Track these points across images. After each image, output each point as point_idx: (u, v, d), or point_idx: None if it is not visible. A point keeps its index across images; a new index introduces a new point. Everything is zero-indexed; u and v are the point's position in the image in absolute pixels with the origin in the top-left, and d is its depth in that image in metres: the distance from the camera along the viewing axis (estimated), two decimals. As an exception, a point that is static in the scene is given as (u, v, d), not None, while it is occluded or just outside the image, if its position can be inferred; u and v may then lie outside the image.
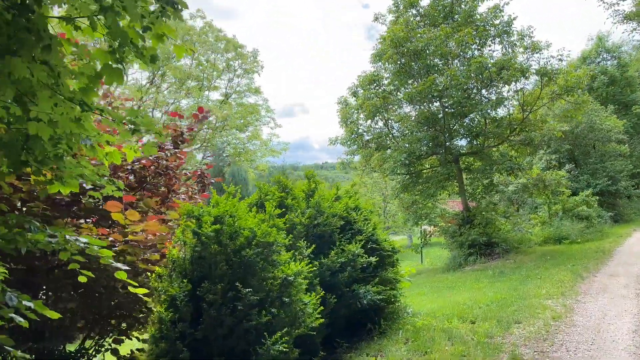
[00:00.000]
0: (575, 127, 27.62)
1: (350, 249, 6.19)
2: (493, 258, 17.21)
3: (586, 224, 21.50)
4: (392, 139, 18.48)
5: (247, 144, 31.52)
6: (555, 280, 10.91)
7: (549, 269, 13.08)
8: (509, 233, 19.16)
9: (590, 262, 14.01)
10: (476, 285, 12.18)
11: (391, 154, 17.49)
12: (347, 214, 6.76)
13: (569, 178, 26.16)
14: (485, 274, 14.07)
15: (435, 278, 15.40)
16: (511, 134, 18.12)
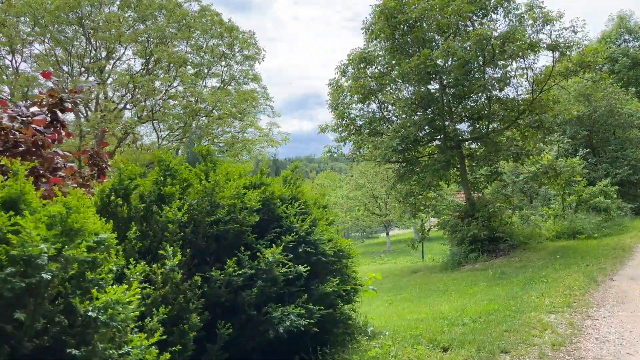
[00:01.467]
0: (593, 112, 25.44)
1: (266, 255, 4.48)
2: (497, 255, 15.35)
3: (604, 217, 19.46)
4: (386, 123, 16.67)
5: (241, 132, 29.86)
6: (564, 286, 9.06)
7: (558, 271, 11.22)
8: (516, 227, 17.27)
9: (607, 261, 12.11)
10: (470, 289, 10.38)
11: (383, 139, 15.68)
12: (272, 206, 5.05)
13: (586, 166, 24.06)
14: (484, 274, 12.25)
15: (429, 278, 13.63)
16: (519, 116, 16.16)
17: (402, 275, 15.85)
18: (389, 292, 12.07)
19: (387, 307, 10.04)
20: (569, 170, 15.39)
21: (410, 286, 12.45)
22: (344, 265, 5.63)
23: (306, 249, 4.97)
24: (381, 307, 10.19)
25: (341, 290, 5.28)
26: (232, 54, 33.59)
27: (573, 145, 26.15)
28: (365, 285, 6.66)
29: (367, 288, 6.69)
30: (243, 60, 34.36)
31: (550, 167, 15.37)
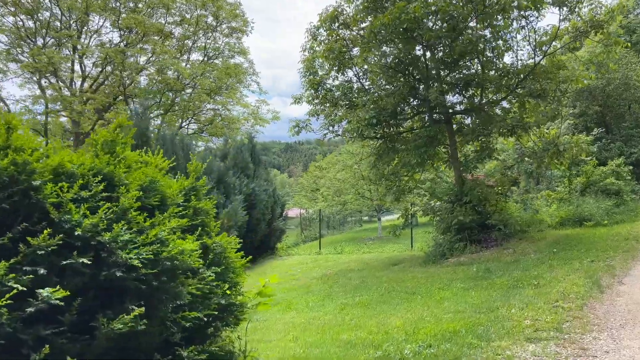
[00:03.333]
0: (606, 84, 22.87)
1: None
2: (488, 245, 13.20)
3: (615, 201, 17.13)
4: (360, 92, 14.43)
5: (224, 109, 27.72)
6: (557, 293, 6.94)
7: (555, 268, 9.09)
8: (514, 213, 15.07)
9: (616, 255, 9.96)
10: (441, 293, 8.29)
11: (357, 112, 13.49)
12: (26, 186, 2.97)
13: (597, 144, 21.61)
14: (466, 271, 10.14)
15: (404, 274, 11.56)
16: (519, 84, 13.83)
17: (379, 268, 13.80)
18: (352, 293, 10.04)
19: (334, 315, 8.02)
20: (575, 147, 13.03)
21: (378, 285, 10.40)
22: (183, 282, 3.54)
23: (81, 260, 2.88)
24: (328, 315, 8.17)
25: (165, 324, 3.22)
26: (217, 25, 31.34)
27: (584, 121, 23.66)
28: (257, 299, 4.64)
29: (261, 300, 4.67)
30: (230, 33, 32.11)
31: (552, 144, 13.03)
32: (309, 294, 10.88)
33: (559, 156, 13.08)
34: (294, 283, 13.12)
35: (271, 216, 19.53)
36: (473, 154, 14.29)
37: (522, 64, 14.35)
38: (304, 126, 14.41)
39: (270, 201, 19.44)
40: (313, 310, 8.92)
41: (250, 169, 19.14)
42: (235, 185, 17.33)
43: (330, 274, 13.83)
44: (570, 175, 18.90)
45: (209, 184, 15.44)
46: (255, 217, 18.18)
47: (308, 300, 10.01)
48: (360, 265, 14.89)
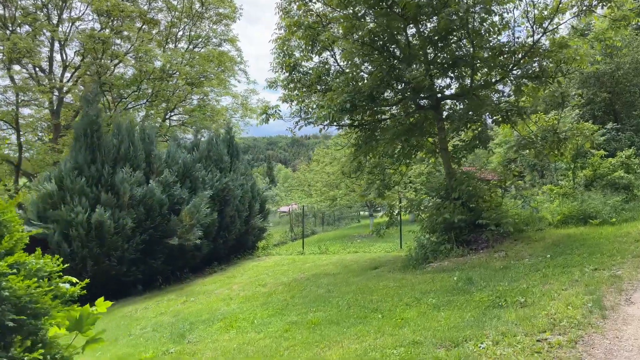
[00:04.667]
0: (615, 70, 21.07)
1: None
2: (478, 247, 11.62)
3: (625, 196, 15.42)
4: (339, 75, 12.84)
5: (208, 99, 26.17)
6: (547, 318, 5.37)
7: (550, 279, 7.50)
8: (511, 209, 13.46)
9: (625, 261, 8.35)
10: (406, 312, 6.73)
11: (330, 95, 11.91)
12: None
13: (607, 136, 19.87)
14: (445, 281, 8.57)
15: (377, 282, 10.01)
16: (515, 65, 12.19)
17: (356, 272, 12.27)
18: (310, 306, 8.52)
19: (273, 340, 6.51)
20: (578, 135, 11.29)
21: (342, 296, 8.87)
22: None
23: None
24: (267, 339, 6.66)
25: None
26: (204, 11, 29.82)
27: (590, 109, 21.89)
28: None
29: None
30: (218, 20, 30.59)
31: (550, 130, 11.32)
32: (265, 305, 9.37)
33: (559, 146, 11.39)
34: (257, 290, 11.63)
35: (248, 213, 18.03)
36: (462, 143, 12.63)
37: (519, 42, 12.68)
38: (273, 113, 12.82)
39: (248, 197, 17.93)
40: (255, 331, 7.41)
41: (225, 162, 17.63)
42: (204, 179, 15.83)
43: (301, 279, 12.32)
44: (574, 168, 17.22)
45: (171, 178, 13.98)
46: (228, 214, 16.70)
47: (257, 315, 8.51)
48: (337, 269, 13.37)
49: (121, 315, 11.02)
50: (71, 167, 12.35)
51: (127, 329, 9.41)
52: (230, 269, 15.99)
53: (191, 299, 11.65)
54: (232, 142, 19.04)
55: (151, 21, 27.09)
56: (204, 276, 15.44)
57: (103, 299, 3.26)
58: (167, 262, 14.13)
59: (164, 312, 10.64)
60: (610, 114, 22.00)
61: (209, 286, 13.22)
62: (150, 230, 13.31)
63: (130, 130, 13.83)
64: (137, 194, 12.81)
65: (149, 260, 13.40)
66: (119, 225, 12.34)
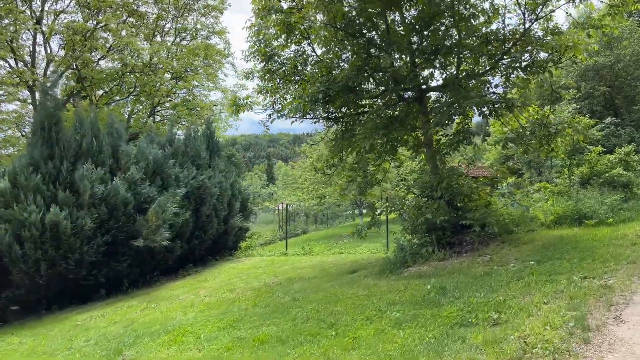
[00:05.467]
0: (615, 62, 20.10)
1: None
2: (462, 250, 10.74)
3: (623, 195, 14.52)
4: (313, 64, 11.96)
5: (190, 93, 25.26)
6: (518, 342, 4.50)
7: (533, 289, 6.63)
8: (499, 210, 12.59)
9: (619, 268, 7.49)
10: (362, 330, 5.87)
11: (303, 85, 11.05)
12: None
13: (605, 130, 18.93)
14: (417, 290, 7.70)
15: (348, 289, 9.15)
16: (504, 54, 11.29)
17: (331, 276, 11.41)
18: (266, 318, 7.68)
19: None
20: (570, 128, 10.32)
21: (304, 306, 8.01)
22: None
23: None
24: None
25: None
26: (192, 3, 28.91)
27: (589, 104, 20.94)
28: None
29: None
30: (207, 12, 29.68)
31: (539, 124, 10.38)
32: (222, 315, 8.51)
33: (549, 141, 10.45)
34: (223, 296, 10.78)
35: (228, 212, 17.17)
36: (446, 138, 11.73)
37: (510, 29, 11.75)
38: (243, 104, 11.93)
39: (227, 195, 17.06)
40: (197, 347, 6.56)
41: (202, 159, 16.76)
42: (178, 176, 14.96)
43: (273, 284, 11.47)
44: (570, 165, 16.31)
45: (137, 175, 13.12)
46: (205, 213, 15.84)
47: (208, 328, 7.65)
48: (314, 272, 12.52)
49: (73, 324, 10.18)
50: (26, 163, 11.50)
51: (71, 341, 8.57)
52: (205, 272, 15.15)
53: (152, 306, 10.80)
54: (212, 138, 18.18)
55: (135, 12, 26.19)
56: (176, 279, 14.60)
57: None
58: (135, 264, 13.28)
59: (118, 320, 9.80)
60: (609, 109, 21.07)
61: (176, 290, 12.37)
62: (113, 231, 12.45)
63: (95, 124, 12.96)
64: (98, 192, 11.95)
65: (112, 263, 12.55)
66: (77, 225, 11.48)
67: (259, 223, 48.55)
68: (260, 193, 74.56)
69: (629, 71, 20.19)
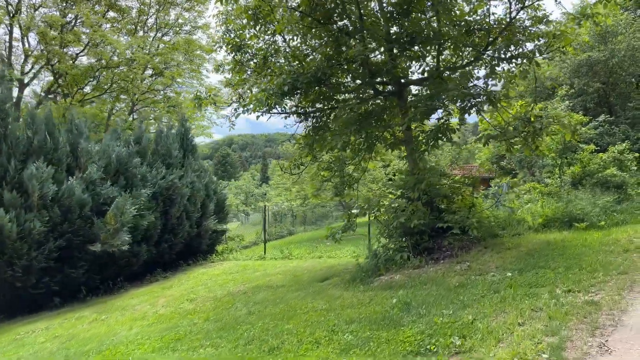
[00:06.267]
0: (609, 57, 19.27)
1: None
2: (440, 257, 9.87)
3: (617, 196, 13.69)
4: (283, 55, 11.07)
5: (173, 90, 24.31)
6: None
7: (509, 306, 5.77)
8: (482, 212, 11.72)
9: (608, 279, 6.67)
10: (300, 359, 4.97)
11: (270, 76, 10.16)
12: None
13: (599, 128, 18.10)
14: (381, 305, 6.83)
15: (311, 301, 8.28)
16: (489, 46, 10.42)
17: (301, 285, 10.53)
18: (211, 336, 6.78)
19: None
20: (555, 123, 9.40)
21: (256, 322, 7.14)
22: None
23: None
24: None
25: None
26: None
27: (582, 101, 20.10)
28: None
29: None
30: (192, 7, 28.77)
31: (523, 119, 9.46)
32: (166, 332, 7.62)
33: (534, 138, 9.58)
34: (180, 307, 9.90)
35: (201, 214, 16.26)
36: (423, 135, 10.85)
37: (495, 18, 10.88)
38: (206, 98, 11.04)
39: (200, 196, 16.15)
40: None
41: (174, 157, 15.85)
42: (145, 176, 14.05)
43: (236, 293, 10.60)
44: (562, 164, 15.47)
45: (96, 174, 12.21)
46: (174, 215, 14.93)
47: (143, 348, 6.79)
48: (284, 280, 11.64)
49: (12, 338, 9.27)
50: (-31, 161, 10.59)
51: (-3, 360, 7.67)
52: (173, 277, 14.24)
53: (102, 317, 9.90)
54: (186, 136, 17.26)
55: (114, 6, 25.26)
56: (142, 285, 13.70)
57: None
58: (94, 270, 12.37)
59: (59, 335, 8.89)
60: (603, 106, 20.23)
61: (135, 299, 11.46)
62: (68, 234, 11.53)
63: (50, 120, 12.04)
64: (50, 193, 11.03)
65: (67, 270, 11.63)
66: (25, 229, 10.56)
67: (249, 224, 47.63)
68: (254, 193, 73.69)
69: (623, 67, 19.36)
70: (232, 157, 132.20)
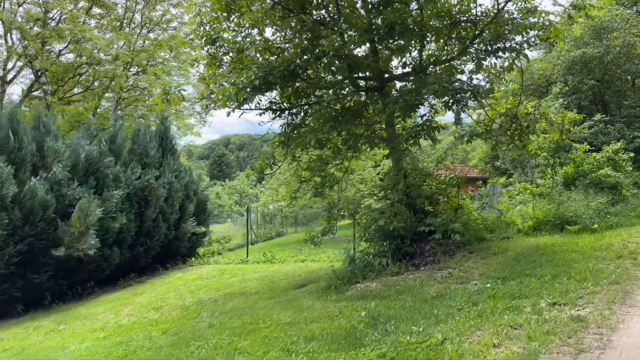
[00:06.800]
0: (604, 53, 18.69)
1: None
2: (422, 263, 9.27)
3: (611, 198, 13.12)
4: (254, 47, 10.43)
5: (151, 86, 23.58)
6: None
7: (485, 323, 5.18)
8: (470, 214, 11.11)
9: (598, 290, 6.12)
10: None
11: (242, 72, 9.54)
12: None
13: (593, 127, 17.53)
14: (349, 318, 6.22)
15: (277, 312, 7.68)
16: (476, 38, 9.81)
17: (275, 292, 9.90)
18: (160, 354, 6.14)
19: None
20: (543, 120, 8.74)
21: (211, 338, 6.51)
22: None
23: None
24: None
25: None
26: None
27: (577, 99, 19.51)
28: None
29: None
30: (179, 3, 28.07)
31: (511, 117, 8.82)
32: (116, 347, 7.00)
33: (520, 134, 8.95)
34: (144, 317, 9.27)
35: (179, 216, 15.61)
36: (405, 132, 10.23)
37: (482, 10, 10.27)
38: (174, 93, 10.39)
39: (178, 197, 15.50)
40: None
41: (151, 157, 15.19)
42: (118, 176, 13.40)
43: (207, 301, 9.97)
44: (554, 164, 14.87)
45: (61, 174, 11.56)
46: (150, 217, 14.27)
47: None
48: (259, 286, 11.01)
49: (-40, 350, 8.60)
50: None
51: None
52: (147, 282, 13.60)
53: (61, 327, 9.26)
54: (166, 135, 16.61)
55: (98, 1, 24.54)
56: (114, 291, 13.06)
57: None
58: (60, 275, 11.72)
59: (9, 348, 8.25)
60: (598, 104, 19.66)
61: (101, 307, 10.82)
62: (30, 238, 10.87)
63: (14, 117, 11.38)
64: (9, 194, 10.38)
65: (29, 275, 10.98)
66: (-19, 233, 9.92)
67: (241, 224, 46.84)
68: (248, 193, 72.99)
69: (619, 63, 18.78)
70: (228, 157, 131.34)
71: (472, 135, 8.87)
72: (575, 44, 19.10)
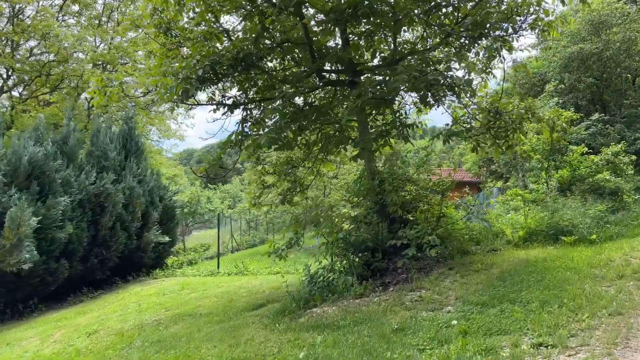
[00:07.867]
0: (603, 50, 17.48)
1: None
2: (393, 281, 8.02)
3: (611, 205, 11.86)
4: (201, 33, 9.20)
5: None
6: None
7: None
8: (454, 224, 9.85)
9: (596, 322, 4.91)
10: None
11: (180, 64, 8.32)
12: None
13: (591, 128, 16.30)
14: (285, 357, 4.92)
15: (220, 342, 6.40)
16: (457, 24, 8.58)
17: (228, 314, 8.67)
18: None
19: None
20: (530, 116, 7.43)
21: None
22: None
23: None
24: None
25: None
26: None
27: (574, 98, 18.30)
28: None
29: None
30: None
31: (493, 112, 7.52)
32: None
33: (506, 133, 7.69)
34: (71, 344, 8.03)
35: (142, 224, 14.33)
36: (372, 131, 8.98)
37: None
38: (114, 87, 9.15)
39: (140, 203, 14.23)
40: None
41: (110, 160, 13.94)
42: (69, 180, 12.15)
43: (148, 324, 8.72)
44: (549, 168, 13.64)
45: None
46: (106, 225, 13.01)
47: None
48: (214, 305, 9.77)
49: None
50: None
51: None
52: (100, 298, 12.34)
53: (-26, 357, 7.99)
54: (131, 136, 15.36)
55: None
56: (61, 308, 11.82)
57: None
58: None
59: None
60: (596, 104, 18.44)
61: (33, 330, 9.56)
62: (-45, 251, 9.61)
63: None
64: None
65: (-45, 293, 9.71)
66: None
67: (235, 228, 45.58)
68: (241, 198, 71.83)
69: (618, 60, 17.58)
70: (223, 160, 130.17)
71: (450, 134, 7.61)
72: (572, 40, 17.93)
